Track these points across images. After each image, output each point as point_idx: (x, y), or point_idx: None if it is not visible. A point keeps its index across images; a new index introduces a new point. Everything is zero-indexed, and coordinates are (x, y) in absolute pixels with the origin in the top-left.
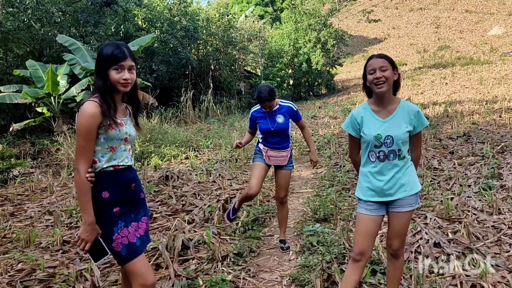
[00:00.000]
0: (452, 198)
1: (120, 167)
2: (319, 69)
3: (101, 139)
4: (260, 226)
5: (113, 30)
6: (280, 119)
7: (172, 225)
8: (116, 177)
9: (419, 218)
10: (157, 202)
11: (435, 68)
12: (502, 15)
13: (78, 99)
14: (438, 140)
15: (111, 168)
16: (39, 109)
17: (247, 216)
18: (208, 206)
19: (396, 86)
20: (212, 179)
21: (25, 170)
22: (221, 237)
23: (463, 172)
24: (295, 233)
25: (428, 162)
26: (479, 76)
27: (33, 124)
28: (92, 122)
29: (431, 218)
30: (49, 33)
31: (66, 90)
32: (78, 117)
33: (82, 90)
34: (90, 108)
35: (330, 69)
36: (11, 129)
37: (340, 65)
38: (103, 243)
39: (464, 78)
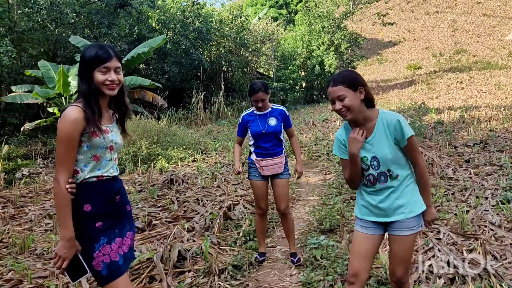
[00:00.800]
0: (467, 211)
1: (105, 177)
2: (332, 71)
3: (84, 147)
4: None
5: (126, 31)
6: (272, 121)
7: (171, 233)
8: (99, 189)
9: (431, 232)
10: (158, 207)
11: (451, 72)
12: None
13: None
14: (453, 147)
15: (94, 179)
16: (50, 109)
17: (249, 225)
18: (210, 213)
19: (368, 100)
20: (217, 184)
21: (35, 169)
22: (220, 247)
23: (479, 183)
24: (299, 245)
25: (442, 170)
26: (497, 81)
27: (45, 124)
28: (74, 129)
29: (444, 233)
30: (63, 34)
31: (78, 91)
32: (59, 123)
33: None
34: (73, 113)
35: None
36: (22, 128)
37: (354, 68)
38: (83, 261)
39: (481, 82)
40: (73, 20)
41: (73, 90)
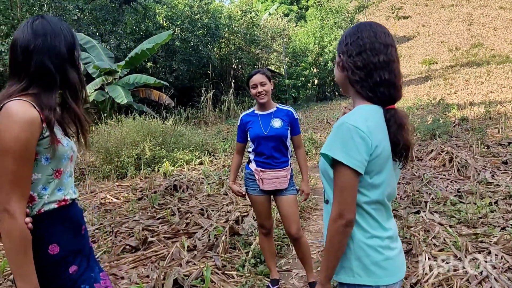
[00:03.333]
0: None
1: (68, 202)
2: None
3: (42, 161)
4: (276, 257)
5: (132, 28)
6: (276, 122)
7: (168, 254)
8: (64, 218)
9: (480, 253)
10: (158, 219)
11: (469, 67)
12: None
13: (90, 99)
14: (486, 147)
15: (55, 205)
16: None
17: None
18: (215, 228)
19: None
20: (224, 191)
21: None
22: (225, 272)
23: None
24: (319, 268)
25: (479, 174)
26: None
27: None
28: (30, 134)
29: (496, 255)
30: None
31: None
32: (1, 126)
33: (96, 90)
34: (25, 111)
35: None
36: None
37: None
38: None
39: (501, 77)
40: (76, 17)
41: None
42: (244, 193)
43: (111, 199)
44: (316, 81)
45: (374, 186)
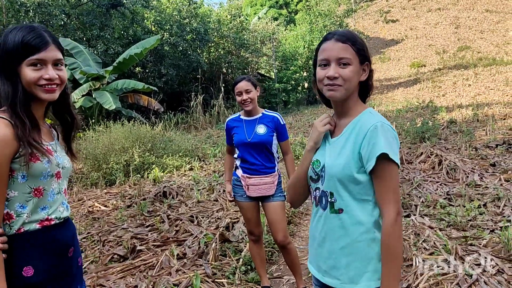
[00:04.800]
0: (507, 227)
1: (53, 222)
2: None
3: (18, 179)
4: (266, 263)
5: (120, 33)
6: (261, 129)
7: (157, 262)
8: (46, 241)
9: (470, 256)
10: (147, 227)
11: (456, 69)
12: None
13: (77, 105)
14: (474, 149)
15: (37, 226)
16: None
17: None
18: (205, 235)
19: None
20: (214, 197)
21: None
22: (216, 280)
23: None
24: (310, 275)
25: (467, 176)
26: (504, 77)
27: None
28: (2, 151)
29: (486, 258)
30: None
31: None
32: None
33: (83, 96)
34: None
35: None
36: None
37: None
38: None
39: (488, 79)
40: (63, 22)
41: None
42: (232, 198)
43: (99, 207)
44: (306, 85)
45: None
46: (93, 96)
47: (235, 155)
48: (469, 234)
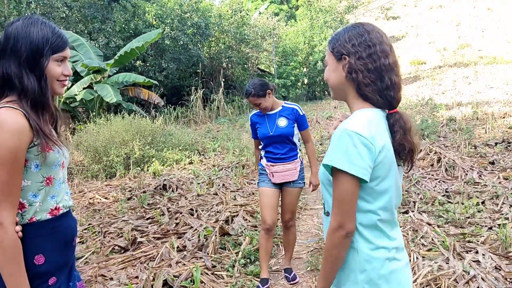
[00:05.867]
0: (504, 225)
1: (61, 211)
2: None
3: (32, 168)
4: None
5: (122, 26)
6: (282, 122)
7: (157, 254)
8: (56, 230)
9: (467, 253)
10: (147, 219)
11: (457, 67)
12: None
13: (78, 98)
14: (473, 147)
15: (48, 215)
16: None
17: (250, 243)
18: (204, 228)
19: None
20: (214, 190)
21: None
22: (215, 272)
23: (511, 189)
24: (309, 268)
25: (466, 174)
26: (505, 76)
27: None
28: (20, 142)
29: (483, 255)
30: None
31: (68, 89)
32: None
33: (84, 89)
34: (14, 119)
35: None
36: None
37: None
38: None
39: (489, 77)
40: (64, 15)
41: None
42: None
43: (100, 199)
44: (306, 81)
45: (380, 192)
46: (94, 89)
47: (260, 147)
48: (467, 231)
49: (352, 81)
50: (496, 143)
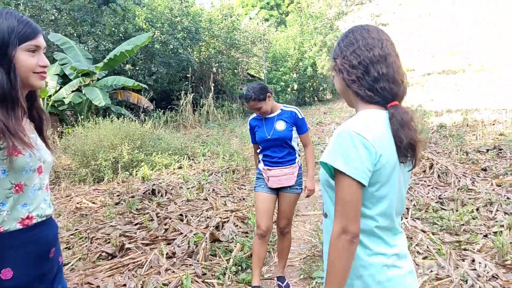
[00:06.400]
0: (500, 232)
1: (34, 220)
2: (324, 73)
3: None
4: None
5: (111, 29)
6: (280, 125)
7: (146, 261)
8: (27, 241)
9: (464, 261)
10: (135, 225)
11: (446, 74)
12: None
13: (67, 101)
14: (465, 154)
15: (18, 225)
16: None
17: (241, 250)
18: (194, 234)
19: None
20: (204, 195)
21: None
22: (206, 280)
23: (504, 196)
24: (302, 276)
25: (459, 181)
26: (492, 83)
27: None
28: None
29: (480, 263)
30: (44, 32)
31: (56, 91)
32: None
33: (72, 92)
34: None
35: None
36: None
37: None
38: None
39: (477, 84)
40: (53, 17)
41: (52, 91)
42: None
43: (87, 204)
44: (295, 86)
45: (379, 198)
46: (83, 92)
47: (258, 151)
48: (462, 239)
49: (343, 81)
50: (487, 150)
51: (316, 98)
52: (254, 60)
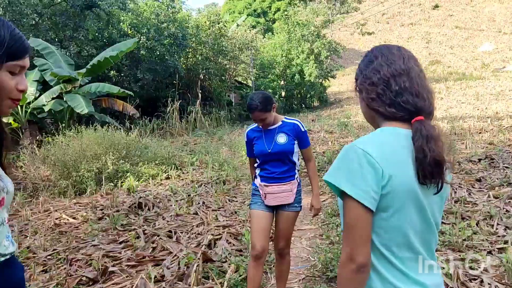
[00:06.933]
0: (504, 249)
1: None
2: (312, 81)
3: None
4: None
5: (95, 35)
6: (281, 138)
7: (132, 287)
8: None
9: (472, 282)
10: (120, 243)
11: (428, 83)
12: (492, 31)
13: (46, 108)
14: (457, 163)
15: None
16: (4, 120)
17: (236, 272)
18: (185, 254)
19: None
20: (194, 209)
21: None
22: None
23: (503, 209)
24: None
25: (455, 192)
26: (475, 92)
27: None
28: None
29: (489, 284)
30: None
31: (36, 98)
32: None
33: (53, 99)
34: None
35: (323, 81)
36: None
37: (333, 77)
38: None
39: (459, 93)
40: (34, 22)
41: (31, 98)
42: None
43: (67, 219)
44: (283, 93)
45: (393, 226)
46: (64, 99)
47: (256, 165)
48: (466, 256)
49: (364, 102)
50: (479, 159)
51: (303, 106)
52: (242, 67)
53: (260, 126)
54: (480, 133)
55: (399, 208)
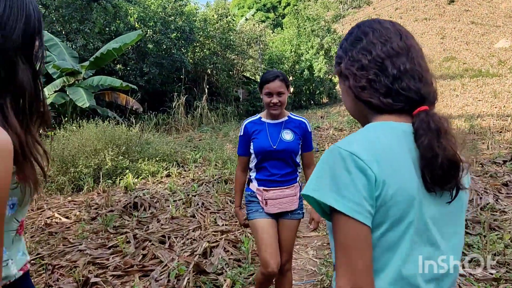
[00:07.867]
0: None
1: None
2: (321, 76)
3: (7, 210)
4: None
5: (102, 28)
6: (287, 135)
7: None
8: None
9: None
10: (109, 248)
11: (442, 79)
12: (509, 28)
13: (49, 101)
14: (480, 165)
15: (20, 273)
16: None
17: (232, 287)
18: (177, 264)
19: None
20: (191, 211)
21: None
22: None
23: None
24: None
25: (481, 198)
26: (492, 89)
27: None
28: (7, 165)
29: None
30: None
31: None
32: None
33: (55, 92)
34: (5, 139)
35: (333, 77)
36: None
37: None
38: None
39: (475, 90)
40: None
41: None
42: (246, 222)
43: (60, 218)
44: (292, 89)
45: (389, 246)
46: (67, 93)
47: (251, 165)
48: (499, 275)
49: (350, 91)
50: (504, 161)
51: (312, 102)
52: (250, 62)
53: (273, 103)
54: (501, 132)
55: (398, 221)
